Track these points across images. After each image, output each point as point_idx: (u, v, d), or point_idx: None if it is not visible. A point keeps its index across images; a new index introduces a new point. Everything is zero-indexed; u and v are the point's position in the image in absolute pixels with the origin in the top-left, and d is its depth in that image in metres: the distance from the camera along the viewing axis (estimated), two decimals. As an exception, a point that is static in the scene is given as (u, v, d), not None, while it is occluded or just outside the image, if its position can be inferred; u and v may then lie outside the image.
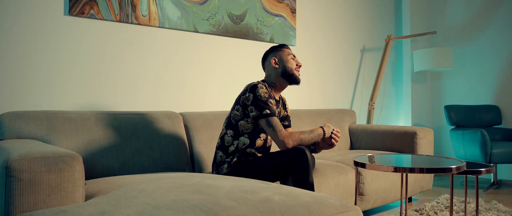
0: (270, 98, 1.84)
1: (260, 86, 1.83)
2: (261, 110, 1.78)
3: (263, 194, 1.28)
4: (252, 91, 1.81)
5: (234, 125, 1.88)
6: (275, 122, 1.78)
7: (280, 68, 1.96)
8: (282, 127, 1.80)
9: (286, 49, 1.99)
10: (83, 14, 2.16)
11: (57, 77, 2.13)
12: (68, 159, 1.32)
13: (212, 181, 1.46)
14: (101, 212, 1.12)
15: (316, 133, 1.85)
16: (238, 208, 1.13)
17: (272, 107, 1.82)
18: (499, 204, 2.63)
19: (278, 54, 1.98)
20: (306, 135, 1.81)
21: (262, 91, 1.82)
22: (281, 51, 1.98)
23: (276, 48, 2.01)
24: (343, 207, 1.28)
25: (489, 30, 3.88)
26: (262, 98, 1.79)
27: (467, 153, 3.35)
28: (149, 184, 1.40)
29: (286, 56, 1.97)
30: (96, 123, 1.97)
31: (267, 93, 1.83)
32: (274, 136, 1.77)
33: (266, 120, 1.78)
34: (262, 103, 1.79)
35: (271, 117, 1.78)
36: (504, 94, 3.77)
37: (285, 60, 1.96)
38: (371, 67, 3.94)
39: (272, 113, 1.79)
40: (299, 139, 1.78)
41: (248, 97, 1.82)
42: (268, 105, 1.80)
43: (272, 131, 1.77)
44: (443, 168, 1.51)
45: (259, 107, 1.79)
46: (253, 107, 1.80)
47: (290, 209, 1.17)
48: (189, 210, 1.10)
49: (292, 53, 1.99)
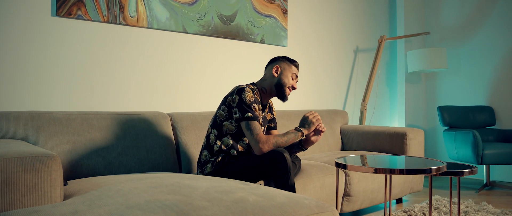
0: (254, 102, 1.85)
1: (247, 90, 1.85)
2: (244, 113, 1.81)
3: (238, 194, 1.28)
4: (239, 93, 1.84)
5: (218, 125, 1.90)
6: (254, 126, 1.79)
7: (277, 78, 1.98)
8: (261, 132, 1.82)
9: (294, 66, 2.02)
10: (70, 15, 2.17)
11: (44, 77, 2.14)
12: (45, 159, 1.33)
13: (191, 181, 1.46)
14: (74, 211, 1.12)
15: (291, 135, 1.86)
16: (210, 209, 1.14)
17: (255, 112, 1.84)
18: (489, 206, 2.63)
19: (284, 66, 2.00)
20: (281, 138, 1.83)
21: (248, 95, 1.84)
22: (288, 65, 2.00)
23: (287, 60, 2.02)
24: (319, 208, 1.28)
25: (483, 31, 3.87)
26: (246, 102, 1.82)
27: (460, 154, 3.34)
28: (127, 184, 1.41)
29: (288, 71, 1.99)
30: (82, 123, 1.98)
31: (252, 97, 1.85)
32: (251, 139, 1.80)
33: (246, 123, 1.80)
34: (246, 106, 1.81)
35: (252, 120, 1.80)
36: (498, 95, 3.77)
37: (285, 75, 1.98)
38: (364, 67, 3.93)
39: (254, 117, 1.81)
40: (274, 142, 1.80)
41: (234, 99, 1.84)
42: (251, 109, 1.82)
43: (250, 135, 1.79)
44: (423, 169, 1.51)
45: (242, 110, 1.81)
46: (237, 109, 1.83)
47: (263, 210, 1.18)
48: (160, 210, 1.10)
49: (296, 73, 2.01)
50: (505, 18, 3.72)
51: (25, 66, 2.08)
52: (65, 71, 2.20)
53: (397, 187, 2.61)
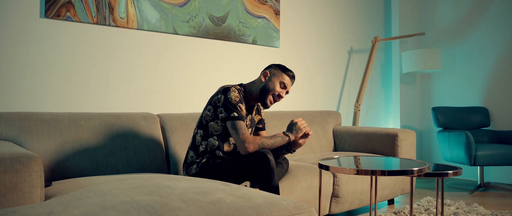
0: (240, 102, 1.86)
1: (232, 90, 1.86)
2: (229, 113, 1.81)
3: (216, 195, 1.28)
4: (224, 93, 1.85)
5: (204, 125, 1.90)
6: (240, 126, 1.80)
7: (264, 83, 1.97)
8: (247, 132, 1.82)
9: (286, 76, 1.98)
10: (59, 16, 2.18)
11: (32, 79, 2.15)
12: (25, 160, 1.34)
13: (172, 182, 1.47)
14: (49, 212, 1.13)
15: (278, 138, 1.87)
16: (184, 209, 1.14)
17: (241, 112, 1.84)
18: (480, 207, 2.62)
19: (274, 72, 1.98)
20: (268, 140, 1.84)
21: (234, 94, 1.84)
22: (279, 73, 1.98)
23: (281, 68, 2.00)
24: (296, 209, 1.29)
25: (478, 31, 3.86)
26: (232, 101, 1.82)
27: (453, 155, 3.34)
28: (107, 185, 1.41)
29: (277, 79, 1.97)
30: (70, 124, 1.99)
31: (238, 97, 1.85)
32: (236, 138, 1.80)
33: (231, 122, 1.81)
34: (232, 106, 1.82)
35: (237, 120, 1.80)
36: (493, 96, 3.76)
37: (272, 81, 1.96)
38: (358, 68, 3.93)
39: (239, 117, 1.81)
40: (261, 143, 1.81)
41: (220, 99, 1.85)
42: (236, 109, 1.82)
43: (236, 134, 1.80)
44: (404, 171, 1.51)
45: (228, 110, 1.82)
46: (222, 108, 1.83)
47: (238, 211, 1.18)
48: (134, 211, 1.11)
49: (286, 82, 1.98)
50: (500, 19, 3.71)
51: (13, 68, 2.09)
52: (53, 73, 2.21)
53: (387, 188, 2.61)
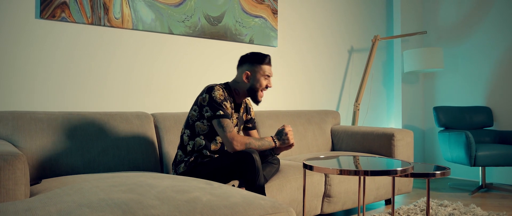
0: (225, 101, 1.87)
1: (216, 89, 1.87)
2: (215, 111, 1.82)
3: (193, 194, 1.30)
4: (208, 92, 1.86)
5: (191, 125, 1.92)
6: (226, 124, 1.81)
7: (249, 84, 1.96)
8: (234, 130, 1.83)
9: (265, 66, 1.96)
10: (54, 17, 2.22)
11: (27, 78, 2.19)
12: (9, 158, 1.37)
13: (154, 180, 1.48)
14: (27, 209, 1.16)
15: (266, 142, 1.89)
16: (158, 207, 1.16)
17: (227, 110, 1.85)
18: (477, 208, 2.58)
19: (254, 70, 1.96)
20: (255, 142, 1.85)
21: (218, 93, 1.85)
22: (259, 68, 1.95)
23: (256, 61, 1.96)
24: (273, 209, 1.29)
25: (481, 30, 3.80)
26: (217, 100, 1.83)
27: (453, 155, 3.29)
28: (89, 183, 1.44)
29: (260, 75, 1.95)
30: (63, 123, 2.03)
31: (222, 96, 1.86)
32: (223, 136, 1.81)
33: (217, 121, 1.82)
34: (217, 104, 1.83)
35: (223, 118, 1.81)
36: (496, 95, 3.69)
37: (256, 79, 1.95)
38: (359, 68, 3.90)
39: (225, 115, 1.82)
40: (248, 143, 1.82)
41: (205, 98, 1.86)
42: (222, 107, 1.83)
43: (222, 132, 1.80)
44: (387, 171, 1.50)
45: (213, 108, 1.83)
46: (208, 107, 1.85)
47: (213, 210, 1.19)
48: (108, 208, 1.12)
49: (267, 72, 1.97)
50: (503, 17, 3.65)
51: (9, 68, 2.14)
52: (48, 73, 2.25)
53: (382, 188, 2.59)
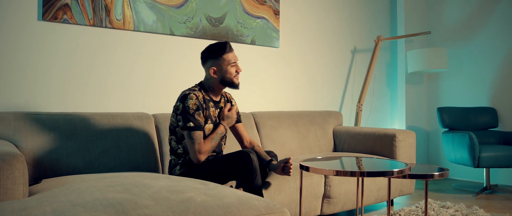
0: (198, 110, 1.85)
1: (190, 97, 1.84)
2: (186, 122, 1.83)
3: (188, 194, 1.30)
4: (182, 101, 1.86)
5: (173, 131, 1.94)
6: (195, 136, 1.82)
7: (219, 77, 1.94)
8: (202, 141, 1.84)
9: (226, 55, 1.92)
10: (56, 19, 2.25)
11: (31, 81, 2.22)
12: (8, 158, 1.39)
13: (150, 181, 1.50)
14: (24, 208, 1.17)
15: (218, 132, 1.90)
16: (152, 207, 1.17)
17: (198, 120, 1.84)
18: (480, 210, 2.56)
19: (218, 63, 1.93)
20: (211, 140, 1.87)
21: (191, 102, 1.84)
22: (220, 60, 1.92)
23: (217, 53, 1.93)
24: (267, 209, 1.29)
25: (486, 30, 3.76)
26: (189, 110, 1.83)
27: (457, 156, 3.26)
28: (87, 183, 1.46)
29: (225, 65, 1.92)
30: (65, 123, 2.05)
31: (196, 105, 1.85)
32: (190, 147, 1.83)
33: (187, 133, 1.83)
34: (189, 115, 1.83)
35: (193, 131, 1.82)
36: (501, 96, 3.65)
37: (224, 70, 1.93)
38: (362, 68, 3.89)
39: (195, 127, 1.82)
40: (209, 148, 1.85)
41: (178, 107, 1.87)
42: (193, 118, 1.83)
43: (191, 143, 1.83)
44: (383, 172, 1.50)
45: (185, 119, 1.84)
46: (181, 117, 1.85)
47: (206, 210, 1.20)
48: (102, 207, 1.14)
49: (232, 60, 1.93)
50: (509, 17, 3.61)
51: (11, 70, 2.17)
52: (50, 74, 2.28)
53: (383, 190, 2.58)
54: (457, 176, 3.97)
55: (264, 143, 2.72)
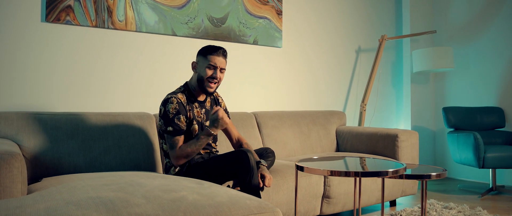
0: (179, 113, 1.85)
1: (171, 100, 1.86)
2: (166, 126, 1.86)
3: (180, 193, 1.32)
4: (163, 105, 1.89)
5: (162, 135, 1.98)
6: (174, 141, 1.85)
7: (196, 74, 1.95)
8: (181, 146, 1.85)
9: (212, 56, 1.90)
10: (59, 20, 2.28)
11: (33, 81, 2.26)
12: (6, 157, 1.42)
13: (146, 180, 1.51)
14: (19, 206, 1.20)
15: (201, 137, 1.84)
16: (143, 206, 1.18)
17: (178, 125, 1.85)
18: (483, 211, 2.52)
19: (200, 60, 1.94)
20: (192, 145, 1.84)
21: (172, 106, 1.86)
22: (205, 58, 1.91)
23: (203, 52, 1.93)
24: (258, 209, 1.30)
25: (492, 29, 3.71)
26: (169, 115, 1.85)
27: (462, 157, 3.22)
28: (83, 182, 1.48)
29: (202, 64, 1.91)
30: (66, 123, 2.09)
31: (176, 109, 1.85)
32: (170, 151, 1.87)
33: (167, 136, 1.88)
34: (169, 119, 1.85)
35: (172, 136, 1.85)
36: (509, 96, 3.59)
37: (200, 69, 1.92)
38: (367, 68, 3.87)
39: (174, 131, 1.84)
40: (188, 153, 1.83)
41: (161, 110, 1.90)
42: (173, 123, 1.85)
43: (170, 148, 1.86)
44: (377, 172, 1.49)
45: (165, 123, 1.86)
46: (163, 120, 1.88)
47: (197, 209, 1.21)
48: (93, 206, 1.16)
49: (212, 62, 1.89)
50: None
51: (15, 70, 2.21)
52: (52, 74, 2.32)
53: (385, 190, 2.56)
54: (463, 177, 3.92)
55: (266, 143, 2.72)
